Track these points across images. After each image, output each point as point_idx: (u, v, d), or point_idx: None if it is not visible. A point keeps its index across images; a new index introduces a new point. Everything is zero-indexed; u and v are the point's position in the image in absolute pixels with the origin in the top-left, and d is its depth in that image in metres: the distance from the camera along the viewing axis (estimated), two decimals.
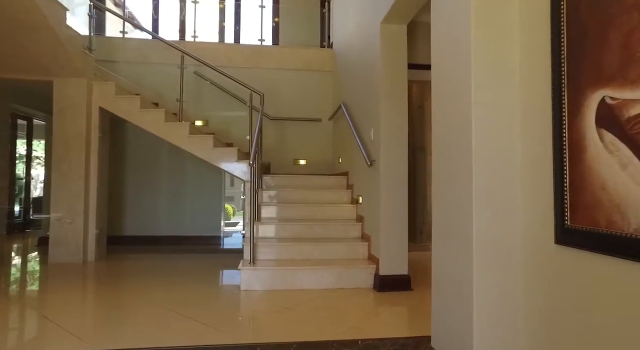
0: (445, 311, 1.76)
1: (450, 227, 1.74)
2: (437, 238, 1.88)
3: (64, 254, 3.87)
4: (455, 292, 1.66)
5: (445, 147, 1.81)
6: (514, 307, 1.53)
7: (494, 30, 1.58)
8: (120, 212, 5.18)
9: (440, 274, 1.83)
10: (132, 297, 2.79)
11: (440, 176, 1.86)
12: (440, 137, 1.86)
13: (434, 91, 1.93)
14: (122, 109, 4.05)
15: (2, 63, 3.73)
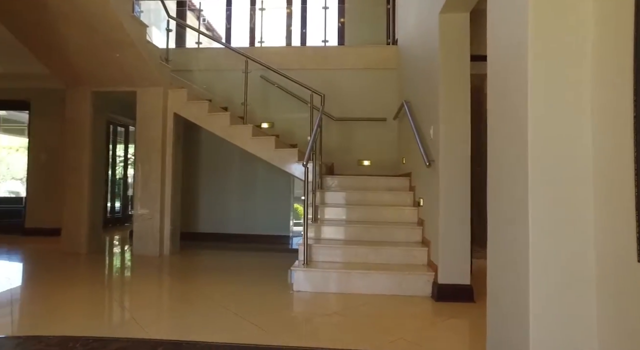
0: (502, 331, 1.56)
1: (506, 236, 1.53)
2: (492, 247, 1.67)
3: (145, 247, 4.27)
4: (512, 313, 1.46)
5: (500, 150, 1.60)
6: (584, 334, 1.29)
7: (559, 14, 1.35)
8: (194, 210, 5.57)
9: (496, 287, 1.63)
10: (193, 290, 2.96)
11: (494, 179, 1.65)
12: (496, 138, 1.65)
13: (489, 86, 1.73)
14: (193, 114, 4.35)
15: (97, 77, 4.25)
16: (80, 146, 4.39)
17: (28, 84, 5.91)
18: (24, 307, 2.51)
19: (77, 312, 2.43)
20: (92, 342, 1.90)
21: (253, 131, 4.28)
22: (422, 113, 3.45)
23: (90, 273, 3.50)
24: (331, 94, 5.20)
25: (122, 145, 7.85)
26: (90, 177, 4.40)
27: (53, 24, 3.59)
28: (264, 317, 2.36)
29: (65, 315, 2.35)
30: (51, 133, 5.97)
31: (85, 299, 2.71)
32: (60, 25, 3.61)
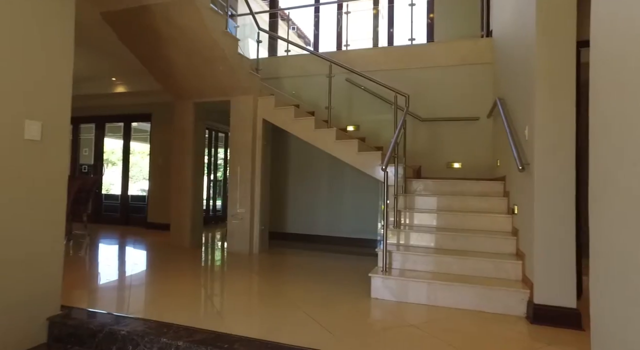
0: None
1: (614, 247, 1.27)
2: (595, 261, 1.40)
3: (236, 245, 4.62)
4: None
5: (610, 148, 1.34)
6: None
7: None
8: (283, 211, 5.84)
9: (601, 311, 1.36)
10: (274, 289, 3.09)
11: (598, 183, 1.39)
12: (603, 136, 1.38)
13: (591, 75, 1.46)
14: (280, 119, 4.57)
15: (198, 90, 4.74)
16: (184, 151, 4.95)
17: (150, 99, 6.87)
18: (135, 291, 2.90)
19: (173, 300, 2.73)
20: (181, 330, 2.11)
21: (337, 134, 4.32)
22: (517, 111, 3.09)
23: (189, 265, 3.91)
24: (418, 94, 4.99)
25: (222, 149, 8.62)
26: (192, 179, 4.93)
27: (163, 50, 4.12)
28: (336, 322, 2.35)
29: (165, 303, 2.65)
30: (166, 140, 6.84)
31: (181, 288, 3.03)
32: (169, 51, 4.12)
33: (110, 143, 7.84)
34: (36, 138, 2.15)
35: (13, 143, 2.05)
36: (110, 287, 3.06)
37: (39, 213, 2.17)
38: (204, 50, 4.02)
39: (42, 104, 2.19)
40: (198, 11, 3.61)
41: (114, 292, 2.93)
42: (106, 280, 3.30)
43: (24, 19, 2.09)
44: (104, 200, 7.57)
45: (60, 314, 2.27)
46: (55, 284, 2.27)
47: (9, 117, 2.03)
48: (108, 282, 3.22)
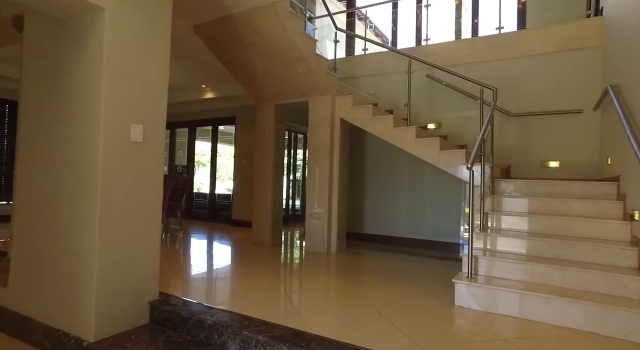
0: None
1: None
2: None
3: (314, 244, 4.68)
4: None
5: None
6: None
7: None
8: (359, 211, 5.78)
9: None
10: (352, 290, 3.05)
11: None
12: None
13: None
14: (357, 118, 4.52)
15: (277, 92, 4.90)
16: (265, 152, 5.16)
17: (234, 103, 7.32)
18: (221, 284, 3.08)
19: (254, 295, 2.83)
20: (261, 325, 2.17)
21: (417, 132, 4.14)
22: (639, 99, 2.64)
23: (269, 262, 4.05)
24: (507, 87, 4.58)
25: (301, 150, 8.85)
26: (272, 179, 5.11)
27: (246, 56, 4.33)
28: (417, 329, 2.23)
29: (247, 297, 2.77)
30: (249, 142, 7.22)
31: (262, 284, 3.14)
32: (251, 56, 4.32)
33: (200, 145, 8.53)
34: (139, 140, 2.39)
35: (123, 145, 2.30)
36: (200, 279, 3.29)
37: (141, 208, 2.41)
38: (284, 52, 4.14)
39: (144, 110, 2.42)
40: (277, 15, 3.72)
41: (203, 283, 3.14)
42: (196, 271, 3.56)
43: (135, 38, 2.34)
44: (195, 198, 8.24)
45: (159, 300, 2.50)
46: (154, 271, 2.50)
47: (121, 123, 2.28)
48: (198, 274, 3.47)
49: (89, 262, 2.20)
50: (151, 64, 2.47)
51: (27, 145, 2.69)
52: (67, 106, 2.40)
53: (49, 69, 2.55)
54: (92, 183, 2.21)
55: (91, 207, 2.20)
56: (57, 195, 2.42)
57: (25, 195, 2.67)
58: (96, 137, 2.20)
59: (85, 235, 2.22)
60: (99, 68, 2.22)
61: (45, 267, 2.45)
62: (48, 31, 2.57)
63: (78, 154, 2.30)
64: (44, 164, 2.53)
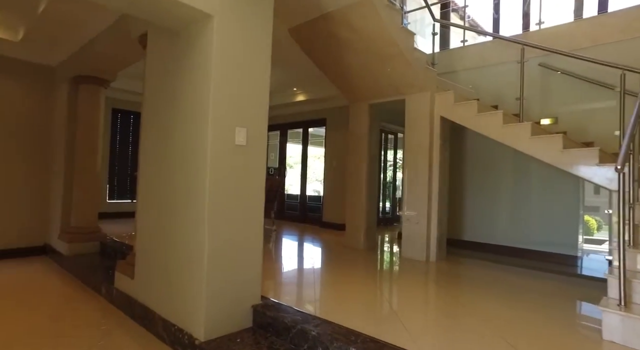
0: None
1: None
2: None
3: (412, 250, 4.39)
4: None
5: None
6: None
7: None
8: (460, 216, 5.31)
9: None
10: (458, 304, 2.72)
11: None
12: None
13: None
14: (460, 116, 4.12)
15: (372, 92, 4.72)
16: (358, 153, 5.01)
17: (325, 105, 7.33)
18: (319, 290, 3.00)
19: (357, 305, 2.68)
20: (369, 342, 2.00)
21: (532, 129, 3.62)
22: None
23: (366, 268, 3.87)
24: None
25: (391, 150, 8.54)
26: (367, 181, 4.94)
27: (341, 54, 4.24)
28: None
29: (347, 307, 2.63)
30: (340, 143, 7.17)
31: (361, 292, 2.98)
32: (346, 54, 4.21)
33: (290, 148, 8.74)
34: (243, 143, 2.40)
35: (228, 148, 2.33)
36: (298, 283, 3.26)
37: (245, 210, 2.42)
38: (381, 48, 3.94)
39: (247, 113, 2.43)
40: (375, 10, 3.54)
41: (302, 288, 3.09)
42: (293, 275, 3.54)
43: (240, 44, 2.36)
44: (286, 199, 8.46)
45: (261, 304, 2.48)
46: (257, 274, 2.50)
47: (227, 126, 2.31)
48: (295, 278, 3.44)
49: (199, 261, 2.26)
50: (254, 67, 2.47)
51: (147, 150, 2.90)
52: (180, 113, 2.52)
53: (166, 80, 2.71)
54: (202, 185, 2.26)
55: (200, 208, 2.26)
56: (173, 196, 2.55)
57: (146, 196, 2.89)
58: (205, 140, 2.26)
59: (196, 235, 2.29)
60: (208, 73, 2.27)
61: (163, 263, 2.60)
62: (165, 44, 2.74)
63: (190, 158, 2.39)
64: (162, 167, 2.69)
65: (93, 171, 4.58)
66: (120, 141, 7.32)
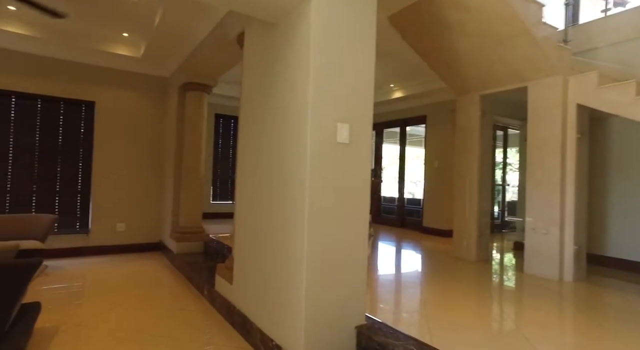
0: None
1: None
2: None
3: (538, 267, 3.66)
4: None
5: None
6: None
7: None
8: (602, 227, 4.33)
9: None
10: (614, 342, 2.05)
11: None
12: None
13: None
14: (608, 101, 3.29)
15: (484, 81, 4.09)
16: (468, 151, 4.40)
17: (425, 101, 6.77)
18: (430, 313, 2.57)
19: (475, 334, 2.20)
20: None
21: None
22: None
23: (480, 286, 3.30)
24: None
25: (500, 148, 7.57)
26: (478, 182, 4.31)
27: (448, 39, 3.73)
28: None
29: (466, 337, 2.17)
30: (442, 142, 6.53)
31: (482, 318, 2.47)
32: (454, 38, 3.69)
33: (386, 148, 8.31)
34: (345, 141, 2.11)
35: (329, 146, 2.06)
36: (405, 302, 2.87)
37: (348, 214, 2.13)
38: (499, 26, 3.35)
39: (350, 108, 2.14)
40: None
41: (410, 308, 2.70)
42: (397, 289, 3.16)
43: (340, 31, 2.10)
44: (382, 202, 8.05)
45: (366, 325, 2.17)
46: (361, 289, 2.19)
47: (327, 122, 2.06)
48: (400, 293, 3.06)
49: (297, 271, 2.03)
50: (357, 57, 2.18)
51: (244, 151, 2.82)
52: (277, 110, 2.34)
53: (262, 76, 2.58)
54: (301, 188, 2.04)
55: (299, 213, 2.04)
56: (269, 199, 2.39)
57: (242, 199, 2.80)
58: (304, 138, 2.03)
59: (294, 242, 2.07)
60: (306, 64, 2.04)
61: (259, 270, 2.46)
62: (262, 40, 2.61)
63: (288, 157, 2.19)
64: (258, 168, 2.56)
65: (198, 173, 4.79)
66: (222, 145, 7.72)
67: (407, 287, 3.21)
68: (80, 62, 4.90)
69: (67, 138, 4.93)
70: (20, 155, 4.69)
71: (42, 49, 4.63)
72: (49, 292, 3.46)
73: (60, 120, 4.91)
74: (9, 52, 4.53)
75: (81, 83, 4.92)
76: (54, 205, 4.86)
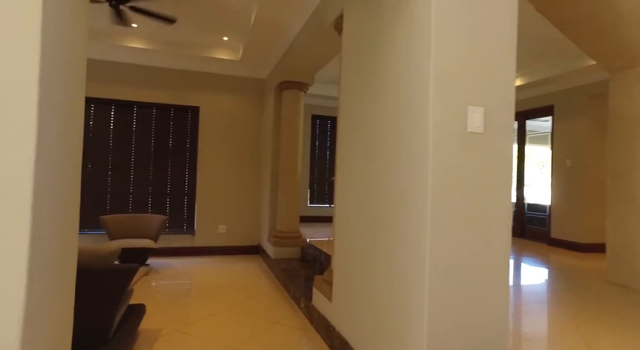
0: None
1: None
2: None
3: None
4: None
5: None
6: None
7: None
8: None
9: None
10: None
11: None
12: None
13: None
14: None
15: None
16: (631, 143, 3.40)
17: (552, 88, 5.68)
18: None
19: None
20: None
21: None
22: None
23: None
24: None
25: None
26: None
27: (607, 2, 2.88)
28: None
29: None
30: (575, 136, 5.39)
31: None
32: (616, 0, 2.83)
33: None
34: (478, 130, 1.59)
35: (456, 137, 1.57)
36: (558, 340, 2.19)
37: (483, 221, 1.60)
38: None
39: (483, 89, 1.61)
40: None
41: None
42: (542, 322, 2.47)
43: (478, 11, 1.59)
44: None
45: None
46: (502, 321, 1.63)
47: (454, 106, 1.57)
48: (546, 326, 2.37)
49: (414, 295, 1.57)
50: (493, 24, 1.64)
51: (344, 152, 2.46)
52: (385, 97, 1.92)
53: (363, 64, 2.18)
54: (420, 190, 1.58)
55: (418, 220, 1.58)
56: (377, 203, 1.97)
57: (343, 203, 2.44)
58: (424, 128, 1.56)
59: (412, 257, 1.62)
60: (423, 36, 1.57)
61: (365, 290, 2.05)
62: (363, 20, 2.23)
63: (404, 154, 1.75)
64: (362, 167, 2.17)
65: (295, 174, 4.61)
66: (319, 147, 7.56)
67: (556, 319, 2.49)
68: (187, 69, 5.12)
69: (175, 143, 5.20)
70: (139, 160, 5.06)
71: (157, 60, 4.95)
72: (157, 290, 3.56)
73: (171, 126, 5.20)
74: (131, 66, 4.92)
75: (188, 89, 5.14)
76: (165, 206, 5.14)
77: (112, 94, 4.87)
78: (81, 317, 1.91)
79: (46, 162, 1.15)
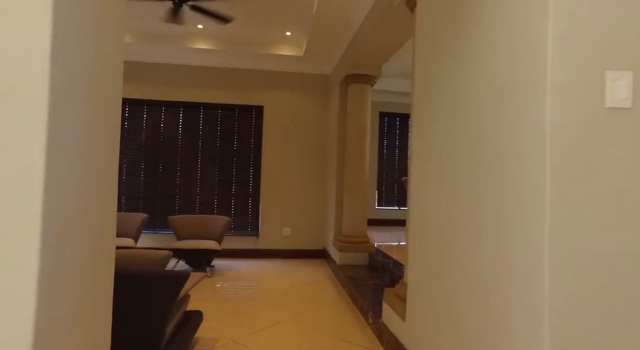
0: None
1: None
2: None
3: None
4: None
5: None
6: None
7: None
8: None
9: None
10: None
11: None
12: None
13: None
14: None
15: None
16: None
17: None
18: None
19: None
20: None
21: None
22: None
23: None
24: None
25: None
26: None
27: None
28: None
29: None
30: None
31: None
32: None
33: None
34: (625, 104, 1.12)
35: (591, 114, 1.12)
36: None
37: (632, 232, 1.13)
38: None
39: (628, 46, 1.14)
40: None
41: None
42: None
43: None
44: None
45: None
46: None
47: (587, 71, 1.12)
48: None
49: (529, 326, 1.15)
50: None
51: (420, 149, 2.07)
52: (474, 76, 1.51)
53: (441, 35, 1.78)
54: (537, 190, 1.15)
55: (533, 228, 1.16)
56: (465, 207, 1.57)
57: (418, 207, 2.05)
58: (540, 104, 1.14)
59: (522, 276, 1.20)
60: None
61: (452, 313, 1.65)
62: None
63: (506, 141, 1.33)
64: (443, 165, 1.77)
65: (362, 173, 4.26)
66: (387, 145, 7.13)
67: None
68: (250, 68, 5.05)
69: (240, 143, 5.15)
70: (206, 161, 5.10)
71: (222, 61, 4.95)
72: (220, 293, 3.45)
73: (235, 126, 5.16)
74: (198, 68, 4.98)
75: (252, 88, 5.07)
76: (230, 207, 5.11)
77: (180, 97, 4.96)
78: (129, 326, 1.77)
79: (61, 165, 0.96)
